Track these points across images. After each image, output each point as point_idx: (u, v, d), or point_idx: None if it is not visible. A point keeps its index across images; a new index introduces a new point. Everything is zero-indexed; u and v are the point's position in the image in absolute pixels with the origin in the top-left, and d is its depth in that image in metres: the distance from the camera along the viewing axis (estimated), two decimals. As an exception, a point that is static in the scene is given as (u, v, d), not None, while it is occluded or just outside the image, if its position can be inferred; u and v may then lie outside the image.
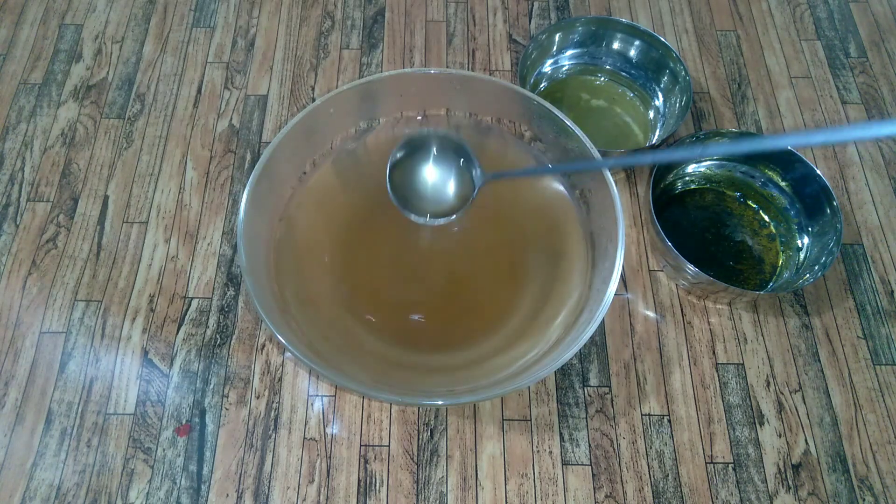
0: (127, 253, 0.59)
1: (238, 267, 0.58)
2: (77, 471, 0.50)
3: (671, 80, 0.65)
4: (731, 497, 0.50)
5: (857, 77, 0.70)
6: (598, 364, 0.55)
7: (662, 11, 0.75)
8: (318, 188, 0.52)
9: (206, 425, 0.52)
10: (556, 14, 0.74)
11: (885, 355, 0.56)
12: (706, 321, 0.57)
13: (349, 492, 0.50)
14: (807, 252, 0.58)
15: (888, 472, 0.51)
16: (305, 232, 0.51)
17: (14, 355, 0.54)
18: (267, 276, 0.46)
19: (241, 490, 0.50)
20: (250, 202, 0.44)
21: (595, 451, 0.51)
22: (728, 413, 0.53)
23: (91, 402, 0.53)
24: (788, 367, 0.55)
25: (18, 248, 0.59)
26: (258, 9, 0.74)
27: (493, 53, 0.71)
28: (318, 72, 0.70)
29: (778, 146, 0.32)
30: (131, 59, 0.70)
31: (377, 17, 0.73)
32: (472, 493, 0.50)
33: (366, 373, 0.46)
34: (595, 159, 0.46)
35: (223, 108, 0.67)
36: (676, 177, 0.62)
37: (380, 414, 0.53)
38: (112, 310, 0.56)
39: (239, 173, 0.63)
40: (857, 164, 0.65)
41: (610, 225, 0.45)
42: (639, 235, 0.61)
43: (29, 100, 0.67)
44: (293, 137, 0.47)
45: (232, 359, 0.54)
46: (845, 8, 0.76)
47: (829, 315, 0.57)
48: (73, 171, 0.63)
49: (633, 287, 0.58)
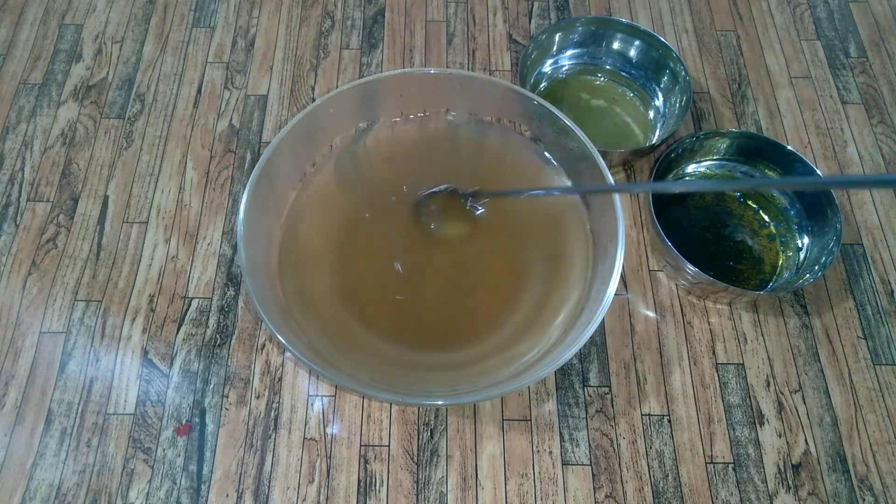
0: (127, 253, 0.59)
1: (238, 267, 0.58)
2: (77, 471, 0.50)
3: (671, 80, 0.65)
4: (731, 497, 0.50)
5: (857, 77, 0.70)
6: (598, 364, 0.55)
7: (662, 11, 0.75)
8: (319, 188, 0.52)
9: (206, 425, 0.52)
10: (556, 14, 0.74)
11: (885, 355, 0.56)
12: (706, 321, 0.57)
13: (349, 492, 0.50)
14: (807, 252, 0.58)
15: (888, 472, 0.51)
16: (306, 232, 0.51)
17: (14, 355, 0.54)
18: (267, 276, 0.46)
19: (241, 490, 0.50)
20: (250, 202, 0.44)
21: (595, 451, 0.51)
22: (728, 413, 0.53)
23: (91, 402, 0.53)
24: (788, 367, 0.55)
25: (18, 248, 0.59)
26: (258, 9, 0.74)
27: (493, 53, 0.71)
28: (318, 72, 0.70)
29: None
30: (131, 59, 0.70)
31: (377, 17, 0.74)
32: (472, 493, 0.50)
33: (366, 373, 0.46)
34: (608, 184, 0.46)
35: (223, 108, 0.67)
36: (677, 177, 0.62)
37: (380, 414, 0.53)
38: (112, 310, 0.56)
39: (239, 173, 0.63)
40: (857, 164, 0.65)
41: (610, 225, 0.45)
42: (639, 235, 0.61)
43: (29, 100, 0.67)
44: (293, 137, 0.47)
45: (232, 359, 0.54)
46: (845, 8, 0.76)
47: (829, 315, 0.57)
48: (73, 171, 0.63)
49: (633, 287, 0.58)
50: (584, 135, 0.47)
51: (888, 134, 0.67)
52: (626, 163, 0.63)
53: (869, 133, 0.67)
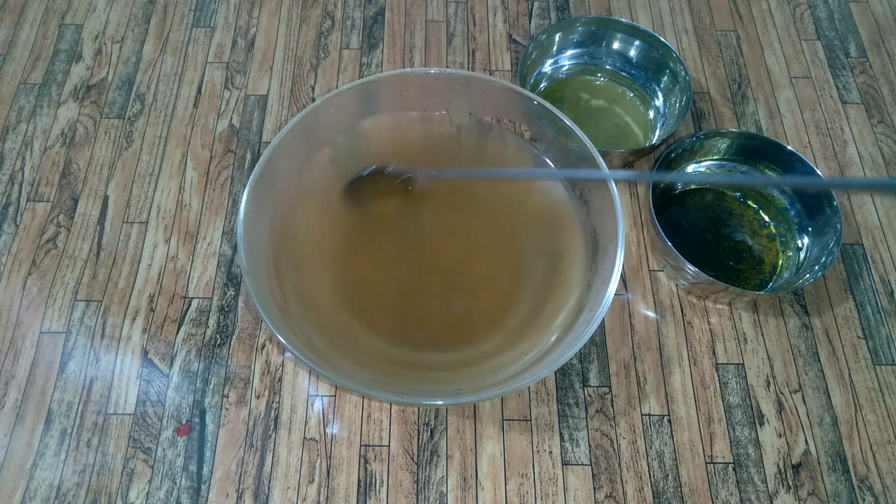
0: (127, 253, 0.59)
1: (238, 267, 0.58)
2: (77, 471, 0.50)
3: (671, 80, 0.65)
4: (731, 497, 0.50)
5: (857, 77, 0.70)
6: (598, 364, 0.55)
7: (662, 11, 0.75)
8: (318, 188, 0.52)
9: (206, 425, 0.52)
10: (556, 14, 0.74)
11: (885, 355, 0.56)
12: (706, 321, 0.57)
13: (349, 492, 0.50)
14: (807, 252, 0.58)
15: (888, 472, 0.51)
16: (305, 232, 0.51)
17: (14, 355, 0.54)
18: (267, 276, 0.46)
19: (241, 490, 0.50)
20: (250, 202, 0.44)
21: (595, 451, 0.51)
22: (728, 413, 0.53)
23: (91, 402, 0.53)
24: (788, 367, 0.55)
25: (18, 248, 0.59)
26: (258, 9, 0.74)
27: (493, 53, 0.71)
28: (318, 72, 0.70)
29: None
30: (131, 59, 0.70)
31: (377, 17, 0.73)
32: (472, 493, 0.50)
33: (366, 373, 0.46)
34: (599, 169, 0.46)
35: (223, 108, 0.67)
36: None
37: (380, 414, 0.53)
38: (112, 310, 0.56)
39: (239, 173, 0.63)
40: (857, 164, 0.65)
41: (610, 225, 0.45)
42: (639, 235, 0.61)
43: (29, 100, 0.67)
44: (293, 137, 0.47)
45: (232, 359, 0.54)
46: (845, 8, 0.76)
47: (829, 315, 0.57)
48: (73, 171, 0.63)
49: (633, 287, 0.58)
50: (584, 135, 0.47)
51: (888, 134, 0.67)
52: (627, 163, 0.63)
53: (869, 133, 0.67)
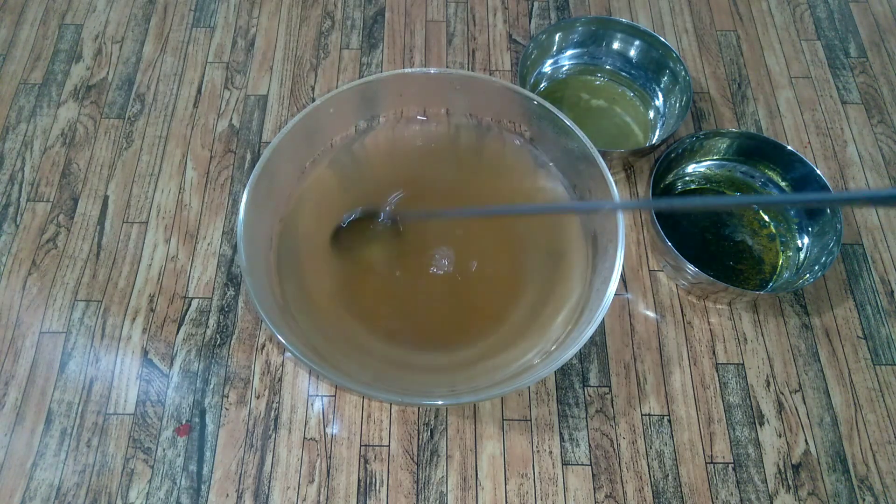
0: (127, 253, 0.59)
1: (238, 267, 0.58)
2: (77, 471, 0.50)
3: (671, 80, 0.65)
4: (731, 497, 0.50)
5: (857, 77, 0.70)
6: (598, 364, 0.55)
7: (662, 11, 0.75)
8: (318, 188, 0.52)
9: (206, 425, 0.52)
10: (556, 14, 0.74)
11: (885, 355, 0.56)
12: (706, 321, 0.57)
13: (349, 492, 0.50)
14: (807, 252, 0.58)
15: (888, 472, 0.51)
16: (305, 232, 0.51)
17: (14, 355, 0.54)
18: (267, 276, 0.46)
19: (241, 490, 0.50)
20: (250, 202, 0.44)
21: (595, 451, 0.51)
22: (728, 413, 0.53)
23: (91, 402, 0.53)
24: (788, 367, 0.55)
25: (18, 248, 0.59)
26: (258, 9, 0.74)
27: (493, 53, 0.71)
28: (318, 72, 0.70)
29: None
30: (131, 59, 0.70)
31: (377, 17, 0.73)
32: (472, 493, 0.50)
33: (366, 373, 0.46)
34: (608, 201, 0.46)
35: (223, 108, 0.67)
36: (676, 177, 0.62)
37: (380, 414, 0.53)
38: (112, 310, 0.56)
39: (239, 173, 0.63)
40: (857, 164, 0.65)
41: (610, 225, 0.45)
42: (639, 235, 0.61)
43: (29, 100, 0.67)
44: (293, 137, 0.47)
45: (232, 359, 0.54)
46: (845, 8, 0.76)
47: (829, 315, 0.57)
48: (73, 171, 0.63)
49: (633, 287, 0.58)
50: (584, 135, 0.47)
51: (888, 134, 0.67)
52: (627, 163, 0.63)
53: (869, 133, 0.67)
